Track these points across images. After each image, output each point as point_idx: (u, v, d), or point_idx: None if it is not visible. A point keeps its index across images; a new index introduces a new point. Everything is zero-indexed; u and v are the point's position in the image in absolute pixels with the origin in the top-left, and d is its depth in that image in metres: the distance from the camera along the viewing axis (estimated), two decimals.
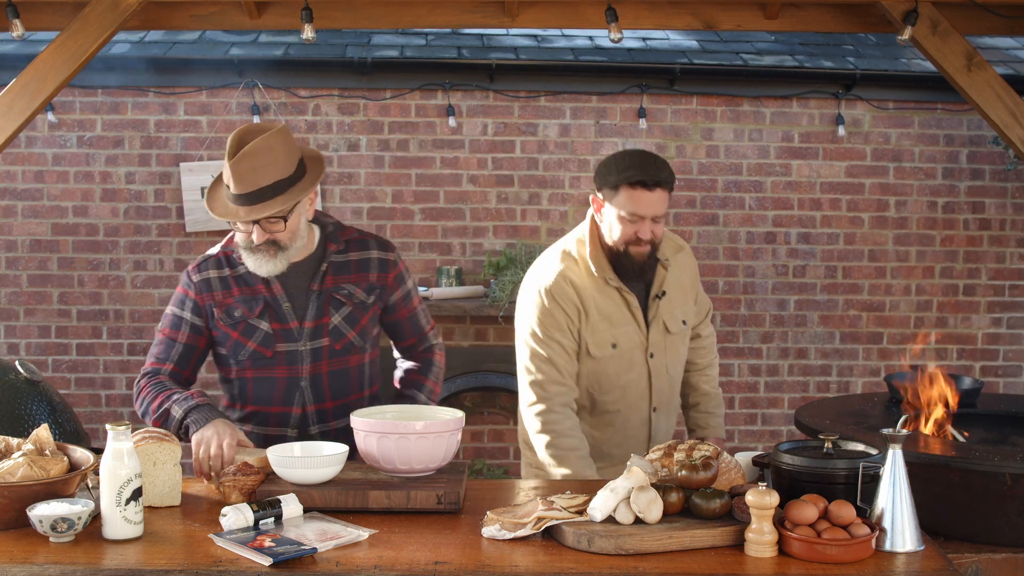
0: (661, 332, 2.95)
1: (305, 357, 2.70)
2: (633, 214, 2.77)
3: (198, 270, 2.75)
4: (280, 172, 2.56)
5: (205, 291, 2.72)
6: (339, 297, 2.73)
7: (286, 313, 2.69)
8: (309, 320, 2.70)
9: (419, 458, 2.35)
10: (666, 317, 2.96)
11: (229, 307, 2.69)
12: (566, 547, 2.03)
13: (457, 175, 5.59)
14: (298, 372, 2.70)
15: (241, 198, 2.55)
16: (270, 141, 2.53)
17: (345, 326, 2.73)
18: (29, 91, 3.49)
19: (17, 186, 5.49)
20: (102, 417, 5.51)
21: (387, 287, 2.81)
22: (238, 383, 2.74)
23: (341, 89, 5.53)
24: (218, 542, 2.04)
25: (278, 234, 2.60)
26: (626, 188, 2.75)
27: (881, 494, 2.09)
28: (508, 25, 3.70)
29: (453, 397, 5.44)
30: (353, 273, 2.77)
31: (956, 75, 3.51)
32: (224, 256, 2.76)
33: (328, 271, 2.74)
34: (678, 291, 3.00)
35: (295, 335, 2.70)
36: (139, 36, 5.59)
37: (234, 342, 2.70)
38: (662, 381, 2.98)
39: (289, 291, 2.71)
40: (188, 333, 2.73)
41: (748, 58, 5.65)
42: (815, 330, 5.73)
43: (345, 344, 2.74)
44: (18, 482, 2.11)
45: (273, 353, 2.69)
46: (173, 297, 2.78)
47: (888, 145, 5.72)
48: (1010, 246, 5.78)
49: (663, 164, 2.80)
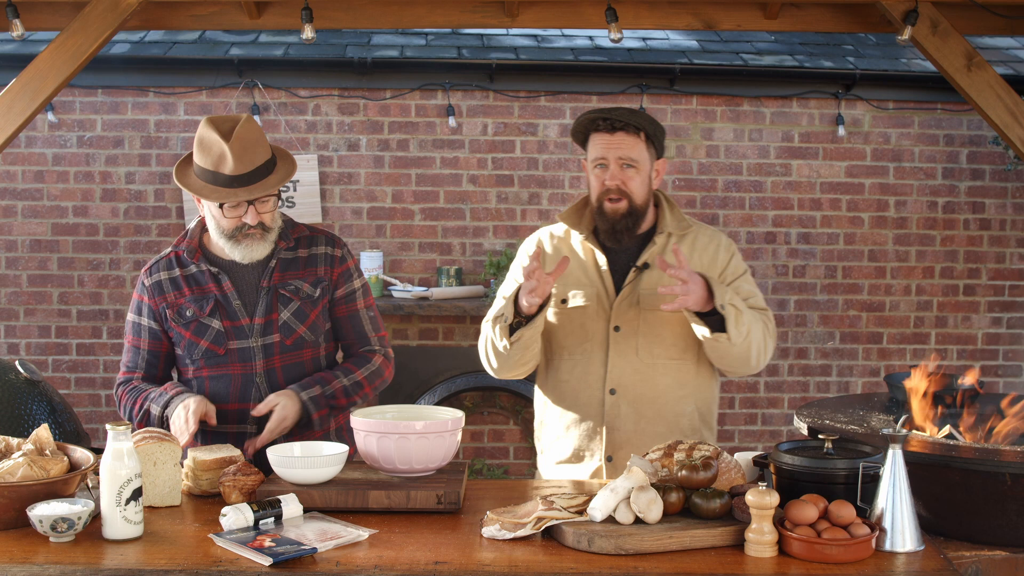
0: (632, 305, 2.74)
1: (257, 353, 2.72)
2: (596, 159, 2.72)
3: (149, 273, 2.79)
4: (266, 154, 2.64)
5: (158, 294, 2.75)
6: (286, 293, 2.74)
7: (236, 310, 2.71)
8: (259, 316, 2.72)
9: (419, 458, 2.35)
10: (645, 292, 2.74)
11: (181, 307, 2.72)
12: (566, 547, 2.03)
13: (457, 175, 5.59)
14: (252, 368, 2.72)
15: (239, 179, 2.58)
16: (252, 125, 2.63)
17: (295, 321, 2.74)
18: (29, 91, 3.49)
19: (17, 186, 5.49)
20: (102, 417, 5.51)
21: (332, 281, 2.81)
22: (196, 382, 2.76)
23: (341, 89, 5.53)
24: (218, 542, 2.04)
25: (267, 215, 2.66)
26: (591, 135, 2.75)
27: (881, 494, 2.09)
28: (508, 25, 3.71)
29: (453, 397, 5.44)
30: (301, 269, 2.78)
31: (956, 75, 3.51)
32: (175, 256, 2.79)
33: (276, 267, 2.75)
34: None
35: (246, 332, 2.71)
36: (139, 36, 5.59)
37: (187, 341, 2.73)
38: (626, 361, 2.74)
39: (239, 288, 2.73)
40: (148, 339, 2.78)
41: (748, 58, 5.65)
42: (815, 330, 5.73)
43: (296, 339, 2.75)
44: (18, 482, 2.11)
45: (226, 351, 2.71)
46: (131, 303, 2.83)
47: (888, 145, 5.72)
48: (1010, 246, 5.78)
49: (631, 110, 2.74)
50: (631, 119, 2.70)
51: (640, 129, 2.71)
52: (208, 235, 2.77)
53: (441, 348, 5.50)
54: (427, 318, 5.46)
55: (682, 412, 2.80)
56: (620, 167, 2.70)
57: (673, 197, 5.62)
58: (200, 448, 2.51)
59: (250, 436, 2.68)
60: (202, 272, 2.73)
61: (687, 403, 2.80)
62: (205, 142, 2.59)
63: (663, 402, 2.77)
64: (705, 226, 2.92)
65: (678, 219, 2.84)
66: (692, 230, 2.85)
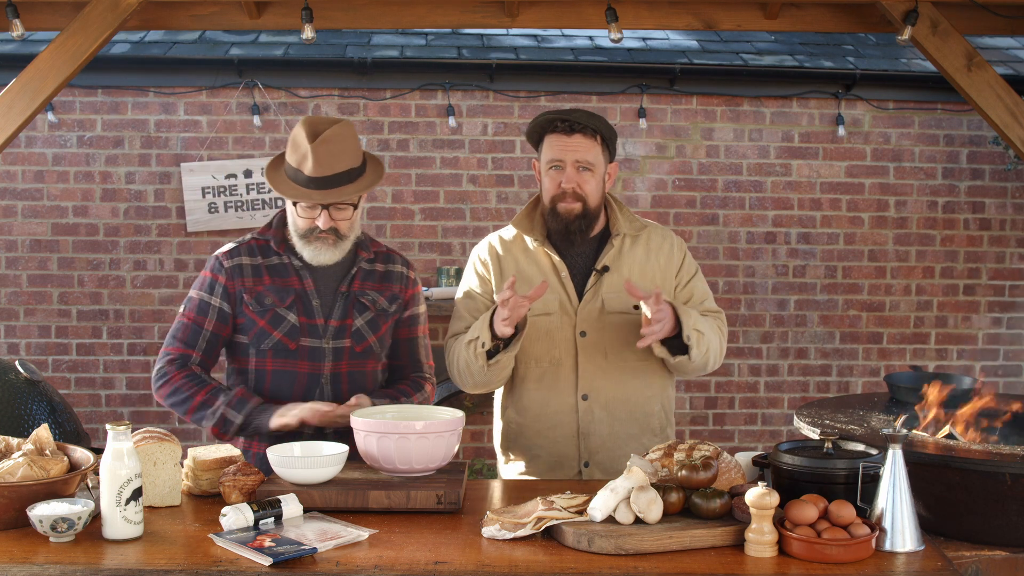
0: (597, 309, 2.74)
1: (327, 355, 2.70)
2: (551, 160, 2.70)
3: (229, 256, 2.73)
4: (353, 161, 2.63)
5: (236, 276, 2.70)
6: (364, 301, 2.75)
7: (315, 309, 2.70)
8: (335, 319, 2.71)
9: (419, 458, 2.35)
10: (608, 295, 2.74)
11: (260, 294, 2.68)
12: (566, 547, 2.03)
13: (457, 175, 5.59)
14: (320, 369, 2.70)
15: (317, 181, 2.59)
16: (345, 130, 2.61)
17: (367, 330, 2.75)
18: (29, 91, 3.49)
19: (17, 186, 5.49)
20: (102, 417, 5.51)
21: (405, 301, 2.84)
22: (255, 374, 2.72)
23: (341, 89, 5.53)
24: (218, 542, 2.04)
25: (343, 222, 2.64)
26: (546, 137, 2.73)
27: (881, 494, 2.09)
28: (508, 25, 3.71)
29: (453, 397, 5.43)
30: (378, 282, 2.80)
31: (956, 75, 3.51)
32: (256, 244, 2.75)
33: (357, 275, 2.76)
34: (638, 274, 2.77)
35: (320, 332, 2.70)
36: (139, 36, 5.60)
37: (259, 330, 2.68)
38: (596, 365, 2.74)
39: (319, 288, 2.72)
40: (215, 321, 2.70)
41: (748, 58, 5.65)
42: (815, 330, 5.73)
43: (365, 347, 2.75)
44: (18, 482, 2.11)
45: (297, 346, 2.68)
46: (198, 281, 2.74)
47: (888, 145, 5.72)
48: (1010, 246, 5.78)
49: (588, 112, 2.73)
50: (589, 122, 2.70)
51: (597, 132, 2.71)
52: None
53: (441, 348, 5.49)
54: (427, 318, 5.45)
55: (651, 412, 2.82)
56: (576, 169, 2.69)
57: (672, 197, 5.64)
58: (200, 448, 2.51)
59: (304, 437, 2.62)
60: (285, 265, 2.71)
61: (655, 402, 2.83)
62: (295, 141, 2.61)
63: (634, 403, 2.78)
64: (655, 225, 2.92)
65: (630, 220, 2.84)
66: (645, 230, 2.86)
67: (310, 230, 2.64)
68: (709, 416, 5.77)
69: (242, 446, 2.72)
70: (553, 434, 2.77)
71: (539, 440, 2.79)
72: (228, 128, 5.51)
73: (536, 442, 2.79)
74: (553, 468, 2.78)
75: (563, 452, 2.76)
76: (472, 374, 2.71)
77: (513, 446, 2.85)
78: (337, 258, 2.69)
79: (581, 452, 2.76)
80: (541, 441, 2.78)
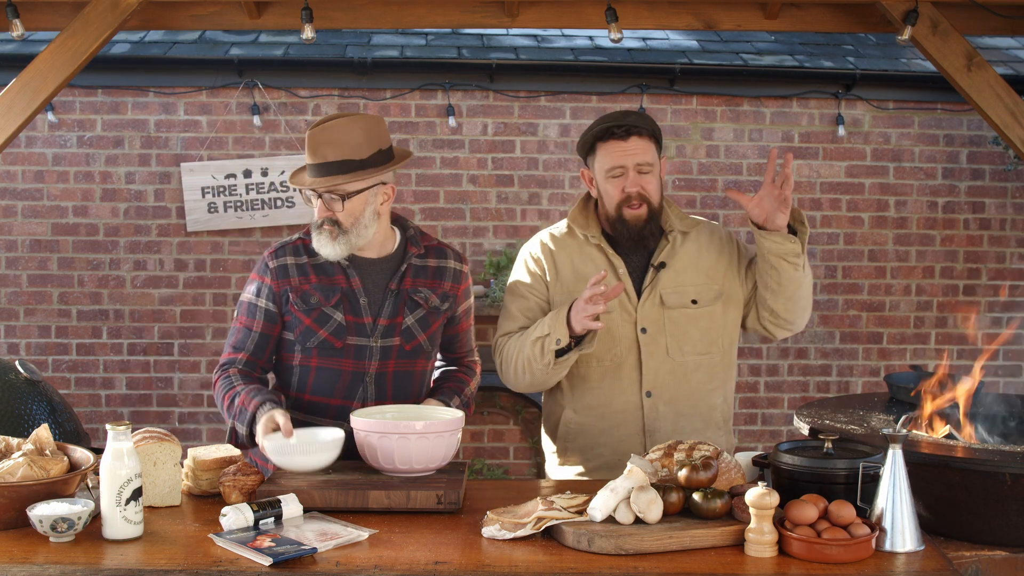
0: (656, 305, 2.74)
1: (375, 353, 2.69)
2: (613, 167, 2.70)
3: (275, 256, 2.73)
4: (351, 153, 2.59)
5: (282, 276, 2.70)
6: (416, 299, 2.73)
7: (362, 308, 2.69)
8: (384, 318, 2.69)
9: (419, 458, 2.35)
10: (666, 291, 2.75)
11: (306, 293, 2.68)
12: (566, 547, 2.03)
13: (457, 175, 5.59)
14: (364, 367, 2.68)
15: (311, 169, 2.62)
16: (352, 123, 2.60)
17: (417, 328, 2.73)
18: (29, 91, 3.49)
19: (17, 186, 5.50)
20: (102, 417, 5.51)
21: (457, 298, 2.83)
22: (299, 370, 2.71)
23: (341, 89, 5.53)
24: (218, 542, 2.04)
25: (337, 213, 2.62)
26: (601, 145, 2.72)
27: (881, 494, 2.09)
28: (508, 25, 3.70)
29: None
30: (430, 279, 2.77)
31: (956, 75, 3.51)
32: (302, 244, 2.75)
33: (407, 272, 2.74)
34: (693, 269, 2.79)
35: (367, 330, 2.68)
36: (139, 36, 5.60)
37: (305, 328, 2.67)
38: (658, 362, 2.74)
39: (367, 287, 2.71)
40: (263, 321, 2.70)
41: (748, 58, 5.65)
42: (815, 330, 5.73)
43: (415, 346, 2.73)
44: (18, 482, 2.11)
45: (343, 345, 2.67)
46: (248, 285, 2.76)
47: (888, 145, 5.72)
48: (1010, 246, 5.78)
49: (639, 114, 2.76)
50: (643, 124, 2.72)
51: (650, 132, 2.73)
52: None
53: None
54: None
55: (714, 405, 2.82)
56: (638, 173, 2.70)
57: (672, 197, 5.63)
58: (200, 448, 2.51)
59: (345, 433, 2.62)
60: (332, 264, 2.70)
61: (717, 395, 2.83)
62: (312, 132, 2.63)
63: (697, 398, 2.79)
64: (705, 221, 2.93)
65: (680, 217, 2.86)
66: (696, 227, 2.87)
67: (322, 221, 2.65)
68: None
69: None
70: (618, 432, 2.75)
71: (603, 439, 2.77)
72: (228, 128, 5.51)
73: (600, 440, 2.77)
74: (616, 467, 2.70)
75: (628, 450, 2.72)
76: (533, 372, 2.67)
77: (571, 446, 2.82)
78: (342, 253, 2.65)
79: (647, 449, 2.74)
80: (605, 440, 2.76)
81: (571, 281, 2.77)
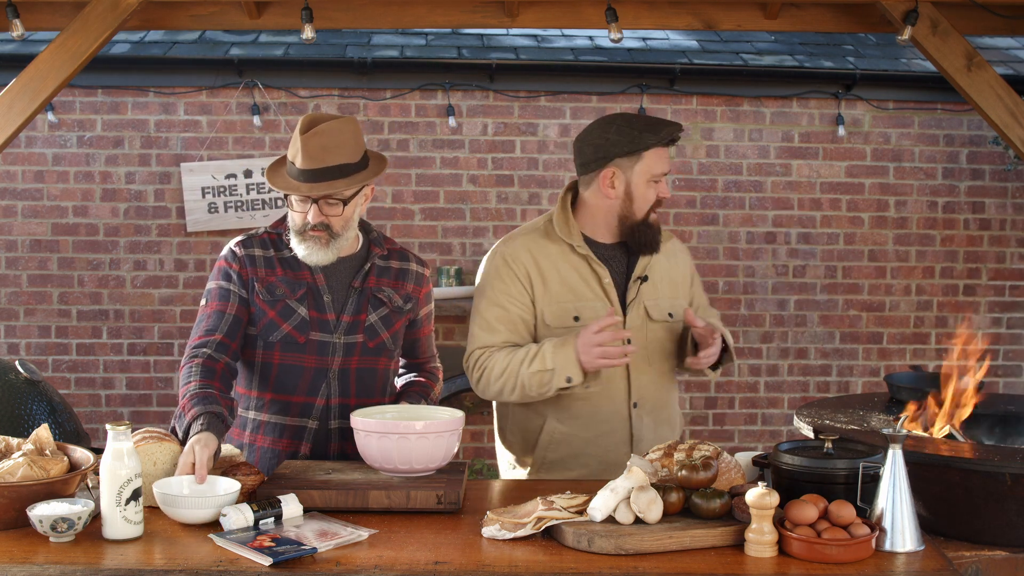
0: (642, 317, 2.76)
1: (337, 350, 2.69)
2: (658, 174, 2.70)
3: (243, 245, 2.72)
4: (347, 157, 2.58)
5: (249, 265, 2.68)
6: (379, 297, 2.74)
7: (326, 304, 2.69)
8: (347, 315, 2.70)
9: (419, 458, 2.35)
10: (649, 303, 2.77)
11: (271, 284, 2.67)
12: (566, 547, 2.03)
13: (457, 175, 5.59)
14: (327, 363, 2.68)
15: (306, 174, 2.56)
16: (342, 126, 2.58)
17: (380, 326, 2.74)
18: (29, 91, 3.49)
19: (17, 186, 5.50)
20: (102, 417, 5.51)
21: (419, 301, 2.84)
22: (261, 367, 2.70)
23: (341, 89, 5.53)
24: (218, 542, 2.04)
25: (333, 218, 2.60)
26: (654, 151, 2.68)
27: (881, 494, 2.09)
28: (508, 25, 3.70)
29: (453, 397, 5.44)
30: (393, 279, 2.78)
31: (956, 75, 3.51)
32: (268, 238, 2.74)
33: (371, 271, 2.75)
34: (667, 282, 2.83)
35: (331, 327, 2.69)
36: (139, 36, 5.60)
37: (269, 321, 2.66)
38: (643, 374, 2.77)
39: (331, 284, 2.71)
40: (237, 304, 2.67)
41: (748, 58, 5.65)
42: (815, 330, 5.73)
43: (378, 344, 2.73)
44: (18, 482, 2.11)
45: (306, 340, 2.67)
46: (214, 272, 2.73)
47: (888, 145, 5.72)
48: (1010, 246, 5.78)
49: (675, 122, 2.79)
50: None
51: None
52: None
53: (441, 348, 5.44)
54: None
55: (677, 413, 2.96)
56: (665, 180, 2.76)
57: (672, 197, 5.63)
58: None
59: (310, 431, 2.66)
60: (298, 259, 2.68)
61: (677, 404, 2.97)
62: (294, 135, 2.60)
63: (671, 408, 2.89)
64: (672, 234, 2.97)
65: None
66: (669, 240, 2.91)
67: (303, 226, 2.61)
68: (709, 416, 5.77)
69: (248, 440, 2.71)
70: (605, 442, 2.76)
71: (589, 448, 2.76)
72: (228, 128, 5.51)
73: (585, 451, 2.77)
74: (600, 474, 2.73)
75: (614, 460, 2.73)
76: (524, 396, 2.67)
77: (553, 456, 2.79)
78: (330, 259, 2.64)
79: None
80: (591, 450, 2.76)
81: (559, 291, 2.73)
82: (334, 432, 2.69)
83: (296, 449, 2.65)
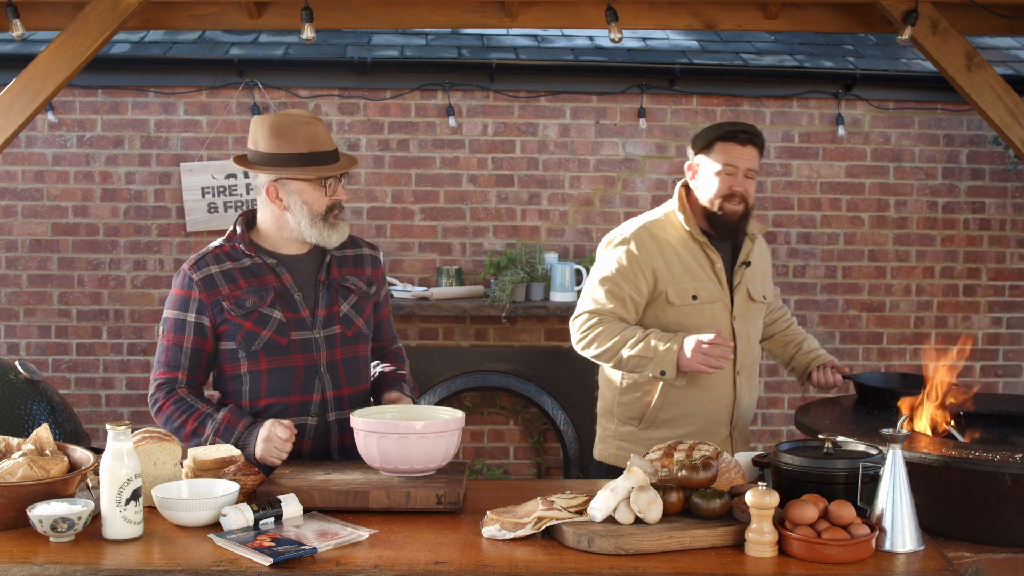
0: (745, 298, 3.18)
1: (320, 344, 2.70)
2: (727, 165, 3.05)
3: (196, 268, 2.70)
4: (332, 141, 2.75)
5: (210, 288, 2.67)
6: (346, 286, 2.78)
7: (298, 302, 2.70)
8: (321, 308, 2.72)
9: (419, 458, 2.35)
10: (750, 285, 3.19)
11: (239, 298, 2.66)
12: (566, 547, 2.03)
13: (457, 175, 5.59)
14: (315, 359, 2.70)
15: (332, 155, 2.68)
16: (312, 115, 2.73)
17: (354, 314, 2.77)
18: (29, 91, 3.49)
19: (17, 186, 5.49)
20: (102, 417, 5.51)
21: (379, 283, 2.89)
22: (250, 377, 2.69)
23: (341, 89, 5.53)
24: (218, 542, 2.04)
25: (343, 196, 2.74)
26: (720, 143, 3.06)
27: (881, 494, 2.09)
28: (508, 25, 3.71)
29: (453, 397, 5.44)
30: (352, 267, 2.83)
31: (956, 75, 3.51)
32: (222, 252, 2.73)
33: (332, 263, 2.78)
34: (760, 269, 3.26)
35: (308, 323, 2.70)
36: (139, 36, 5.59)
37: (247, 332, 2.66)
38: (744, 346, 3.17)
39: (298, 282, 2.72)
40: (193, 336, 2.68)
41: (748, 58, 5.65)
42: (815, 330, 5.73)
43: (355, 331, 2.77)
44: (18, 482, 2.11)
45: (288, 341, 2.67)
46: (170, 300, 2.72)
47: (888, 145, 5.72)
48: (1010, 246, 5.78)
49: (756, 128, 3.13)
50: (760, 136, 3.11)
51: (762, 146, 3.12)
52: (257, 230, 2.76)
53: (441, 348, 5.51)
54: (427, 318, 5.46)
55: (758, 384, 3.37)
56: (745, 176, 3.08)
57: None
58: (200, 448, 2.50)
59: (310, 427, 2.68)
60: (258, 265, 2.70)
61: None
62: (284, 130, 2.63)
63: (757, 374, 3.32)
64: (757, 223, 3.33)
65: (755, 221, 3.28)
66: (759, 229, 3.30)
67: (330, 209, 2.68)
68: None
69: None
70: (713, 405, 3.14)
71: (699, 409, 3.13)
72: (228, 128, 5.51)
73: (696, 411, 3.13)
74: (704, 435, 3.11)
75: (719, 421, 3.16)
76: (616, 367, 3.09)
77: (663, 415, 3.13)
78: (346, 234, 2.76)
79: (733, 419, 3.19)
80: (700, 410, 3.13)
81: (680, 273, 3.10)
82: (332, 425, 2.71)
83: (299, 448, 2.65)
